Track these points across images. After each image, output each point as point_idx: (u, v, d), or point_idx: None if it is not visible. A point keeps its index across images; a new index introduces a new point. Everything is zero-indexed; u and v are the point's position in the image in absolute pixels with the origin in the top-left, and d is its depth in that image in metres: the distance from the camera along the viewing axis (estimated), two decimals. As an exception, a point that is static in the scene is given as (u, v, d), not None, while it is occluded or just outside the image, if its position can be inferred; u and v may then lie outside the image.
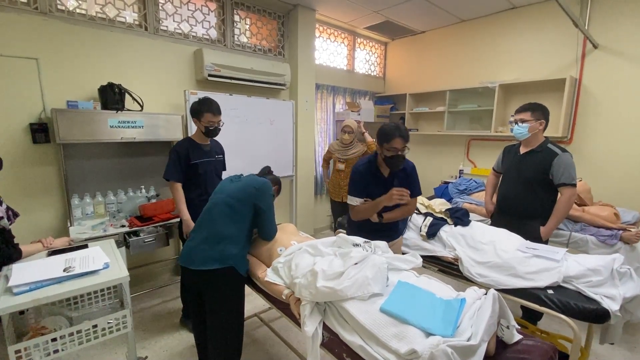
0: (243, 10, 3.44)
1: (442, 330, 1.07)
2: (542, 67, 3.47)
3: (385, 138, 1.71)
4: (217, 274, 1.55)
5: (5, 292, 1.28)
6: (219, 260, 1.55)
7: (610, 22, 3.04)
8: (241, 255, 1.64)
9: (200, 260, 1.56)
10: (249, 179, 1.76)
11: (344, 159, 3.29)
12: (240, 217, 1.65)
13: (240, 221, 1.65)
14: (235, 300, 1.64)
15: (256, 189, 1.68)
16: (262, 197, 1.68)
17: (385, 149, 1.72)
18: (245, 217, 1.66)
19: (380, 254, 1.50)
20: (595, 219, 2.36)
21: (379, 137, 1.75)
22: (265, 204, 1.69)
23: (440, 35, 4.34)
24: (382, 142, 1.73)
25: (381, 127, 1.76)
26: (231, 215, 1.63)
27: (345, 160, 3.29)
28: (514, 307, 2.40)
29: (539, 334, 2.08)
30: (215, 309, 1.60)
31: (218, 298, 1.59)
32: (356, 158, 3.28)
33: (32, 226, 2.41)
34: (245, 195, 1.66)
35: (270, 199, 1.74)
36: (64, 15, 2.47)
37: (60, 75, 2.45)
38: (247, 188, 1.69)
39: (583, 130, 3.29)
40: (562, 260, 1.72)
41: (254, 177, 1.79)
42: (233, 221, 1.63)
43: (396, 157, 1.72)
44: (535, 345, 1.16)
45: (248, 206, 1.66)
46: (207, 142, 2.33)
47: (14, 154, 2.31)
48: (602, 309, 1.48)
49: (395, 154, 1.71)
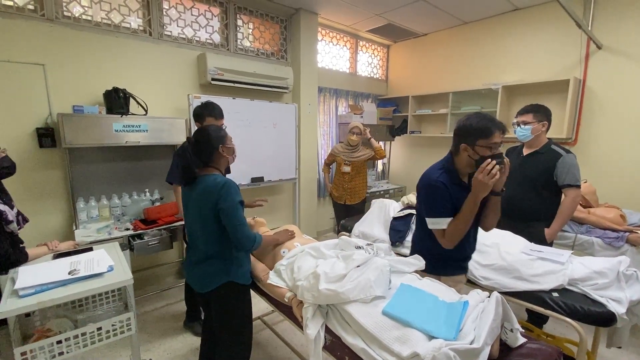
0: (246, 14, 3.47)
1: (444, 334, 1.06)
2: (545, 68, 3.45)
3: (481, 133, 1.36)
4: (218, 293, 1.50)
5: (11, 295, 1.29)
6: (214, 280, 1.48)
7: (614, 23, 3.02)
8: (236, 266, 1.52)
9: (199, 284, 1.53)
10: (205, 183, 1.43)
11: (350, 161, 3.28)
12: (213, 231, 1.44)
13: (216, 235, 1.45)
14: (240, 312, 1.58)
15: (215, 192, 1.39)
16: (224, 197, 1.38)
17: (481, 146, 1.37)
18: (219, 229, 1.44)
19: (383, 256, 1.50)
20: (601, 221, 2.33)
21: (470, 133, 1.39)
22: (227, 202, 1.38)
23: (443, 37, 4.34)
24: (477, 139, 1.37)
25: (467, 122, 1.40)
26: (207, 232, 1.45)
27: (351, 162, 3.29)
28: (519, 311, 2.39)
29: (545, 337, 2.06)
30: (223, 324, 1.57)
31: (224, 313, 1.55)
32: (363, 161, 3.30)
33: (38, 229, 2.44)
34: (206, 204, 1.41)
35: (235, 196, 1.40)
36: (70, 21, 2.51)
37: (66, 81, 2.49)
38: (205, 195, 1.42)
39: (588, 132, 3.26)
40: (567, 263, 1.70)
41: (210, 178, 1.44)
42: (211, 238, 1.46)
43: (498, 155, 1.36)
44: (540, 348, 1.15)
45: (213, 214, 1.41)
46: None
47: (21, 158, 2.34)
48: (609, 312, 1.46)
49: (496, 152, 1.38)
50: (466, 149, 1.41)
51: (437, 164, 1.55)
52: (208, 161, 1.48)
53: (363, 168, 3.36)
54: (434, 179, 1.47)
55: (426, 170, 1.57)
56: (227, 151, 1.52)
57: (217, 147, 1.47)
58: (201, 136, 1.47)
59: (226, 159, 1.53)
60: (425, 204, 1.51)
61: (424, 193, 1.52)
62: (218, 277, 1.48)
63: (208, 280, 1.49)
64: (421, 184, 1.54)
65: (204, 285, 1.51)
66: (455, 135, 1.46)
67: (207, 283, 1.49)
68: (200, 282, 1.52)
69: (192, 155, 1.45)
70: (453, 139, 1.48)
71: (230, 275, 1.49)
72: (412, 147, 4.91)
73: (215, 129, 1.52)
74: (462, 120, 1.44)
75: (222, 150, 1.49)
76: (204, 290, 1.51)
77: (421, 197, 1.55)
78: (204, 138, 1.46)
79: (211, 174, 1.47)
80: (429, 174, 1.52)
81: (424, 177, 1.53)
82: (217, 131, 1.51)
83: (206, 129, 1.50)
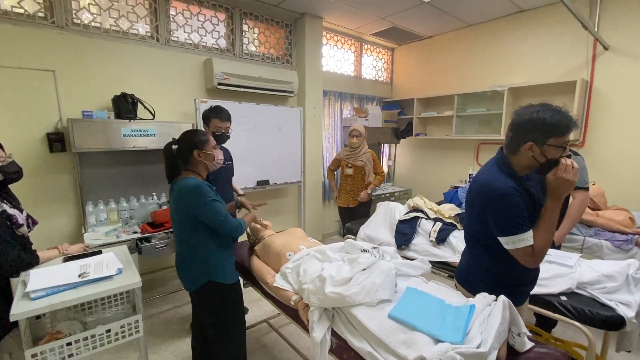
0: (251, 19, 3.51)
1: (451, 337, 1.06)
2: (551, 69, 3.43)
3: (556, 130, 1.13)
4: (200, 292, 1.54)
5: (23, 297, 1.32)
6: (196, 280, 1.52)
7: (621, 23, 3.00)
8: (215, 266, 1.52)
9: (186, 283, 1.59)
10: (179, 185, 1.48)
11: (352, 164, 3.30)
12: (186, 233, 1.49)
13: (189, 236, 1.49)
14: (225, 311, 1.58)
15: (185, 196, 1.44)
16: (195, 201, 1.42)
17: (551, 146, 1.14)
18: (196, 228, 1.47)
19: (389, 259, 1.50)
20: (609, 224, 2.31)
21: (540, 128, 1.14)
22: (199, 206, 1.42)
23: (448, 40, 4.33)
24: (549, 137, 1.14)
25: (538, 116, 1.14)
26: (182, 234, 1.52)
27: (353, 165, 3.29)
28: (526, 315, 2.36)
29: (553, 341, 2.04)
30: (208, 323, 1.59)
31: (208, 313, 1.57)
32: (365, 163, 3.29)
33: (48, 233, 2.48)
34: (178, 206, 1.48)
35: (204, 197, 1.42)
36: (80, 28, 2.56)
37: (76, 87, 2.54)
38: (178, 198, 1.47)
39: (595, 133, 3.23)
40: (575, 266, 1.69)
41: (183, 182, 1.47)
42: (185, 239, 1.51)
43: (568, 156, 1.17)
44: (548, 352, 1.14)
45: (185, 217, 1.46)
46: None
47: (32, 163, 2.39)
48: (618, 316, 1.44)
49: (567, 153, 1.17)
50: (532, 148, 1.16)
51: (491, 168, 1.28)
52: (186, 164, 1.53)
53: (368, 165, 3.32)
54: (503, 186, 1.18)
55: (480, 177, 1.29)
56: (205, 157, 1.54)
57: (192, 151, 1.51)
58: (181, 139, 1.53)
59: (204, 164, 1.55)
60: (499, 219, 1.20)
61: (494, 207, 1.20)
62: (199, 277, 1.52)
63: (192, 280, 1.55)
64: (487, 197, 1.22)
65: (190, 285, 1.57)
66: (518, 131, 1.19)
67: (192, 283, 1.55)
68: (186, 281, 1.59)
69: (172, 157, 1.53)
70: (512, 135, 1.21)
71: (210, 275, 1.51)
72: (418, 150, 4.90)
73: (196, 134, 1.54)
74: (526, 112, 1.17)
75: (199, 155, 1.52)
76: (190, 290, 1.58)
77: (491, 214, 1.22)
78: (182, 141, 1.52)
79: (187, 177, 1.50)
80: (493, 182, 1.21)
81: (486, 188, 1.23)
82: (196, 136, 1.53)
83: (187, 132, 1.55)
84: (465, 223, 1.43)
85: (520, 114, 1.20)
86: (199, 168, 1.56)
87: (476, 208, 1.28)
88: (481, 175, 1.30)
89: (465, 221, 1.43)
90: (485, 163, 1.35)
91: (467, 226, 1.42)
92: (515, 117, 1.21)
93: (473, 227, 1.35)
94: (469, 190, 1.35)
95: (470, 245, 1.42)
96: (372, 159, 3.31)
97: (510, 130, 1.23)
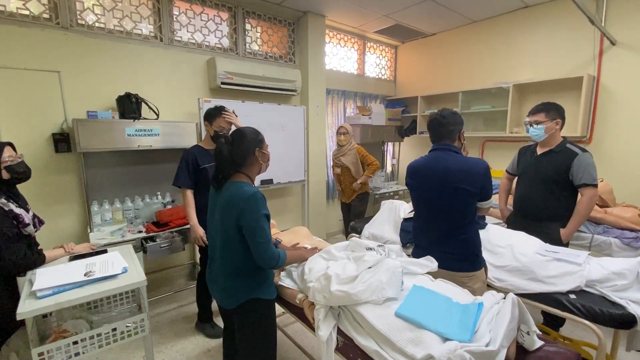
0: (254, 18, 3.50)
1: (459, 336, 1.04)
2: (557, 65, 3.39)
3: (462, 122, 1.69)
4: (242, 309, 1.39)
5: (29, 296, 1.32)
6: (238, 297, 1.37)
7: (628, 18, 2.95)
8: (261, 282, 1.41)
9: (222, 299, 1.44)
10: (232, 190, 1.32)
11: (339, 163, 3.39)
12: (236, 246, 1.33)
13: (239, 250, 1.33)
14: (264, 327, 1.45)
15: (240, 203, 1.28)
16: (248, 211, 1.27)
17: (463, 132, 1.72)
18: (242, 244, 1.33)
19: (394, 257, 1.49)
20: (618, 221, 2.27)
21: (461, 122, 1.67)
22: (251, 218, 1.27)
23: (451, 36, 4.30)
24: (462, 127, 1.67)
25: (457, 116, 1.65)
26: (229, 247, 1.35)
27: (340, 163, 3.38)
28: (534, 313, 2.34)
29: (562, 340, 2.01)
30: (245, 338, 1.44)
31: (247, 328, 1.43)
32: (352, 162, 3.32)
33: (54, 232, 2.49)
34: (229, 215, 1.31)
35: (260, 210, 1.29)
36: (84, 29, 2.57)
37: (81, 87, 2.55)
38: (230, 204, 1.31)
39: (603, 129, 3.18)
40: (584, 264, 1.66)
41: (238, 186, 1.33)
42: (233, 253, 1.35)
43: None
44: (558, 352, 1.12)
45: (236, 228, 1.30)
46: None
47: (38, 163, 2.40)
48: (628, 314, 1.42)
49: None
50: (462, 134, 1.68)
51: (453, 155, 1.60)
52: (241, 164, 1.37)
53: (352, 167, 3.38)
54: (482, 160, 1.59)
55: (458, 164, 1.56)
56: (262, 157, 1.42)
57: (254, 149, 1.38)
58: (240, 137, 1.37)
59: (259, 165, 1.43)
60: (490, 184, 1.53)
61: (489, 177, 1.53)
62: (242, 294, 1.37)
63: (232, 297, 1.39)
64: (483, 171, 1.51)
65: (228, 302, 1.41)
66: (454, 125, 1.63)
67: (231, 300, 1.39)
68: (224, 298, 1.43)
69: (227, 156, 1.34)
70: (452, 129, 1.63)
71: (255, 292, 1.38)
72: (422, 148, 4.87)
73: (254, 131, 1.42)
74: (449, 114, 1.63)
75: (258, 155, 1.39)
76: (227, 307, 1.42)
77: (488, 182, 1.53)
78: (242, 139, 1.36)
79: (241, 181, 1.36)
80: (475, 160, 1.57)
81: (478, 166, 1.52)
82: (255, 133, 1.41)
83: (244, 129, 1.41)
84: (459, 207, 1.57)
85: (446, 117, 1.62)
86: (253, 170, 1.42)
87: (478, 185, 1.51)
88: (454, 163, 1.56)
89: (459, 207, 1.58)
90: (435, 157, 1.63)
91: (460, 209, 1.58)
92: (448, 119, 1.61)
93: (471, 206, 1.57)
94: (454, 178, 1.54)
95: (471, 221, 1.61)
96: (360, 153, 3.37)
97: (447, 126, 1.62)
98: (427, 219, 1.70)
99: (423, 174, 1.65)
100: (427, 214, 1.69)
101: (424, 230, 1.72)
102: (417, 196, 1.74)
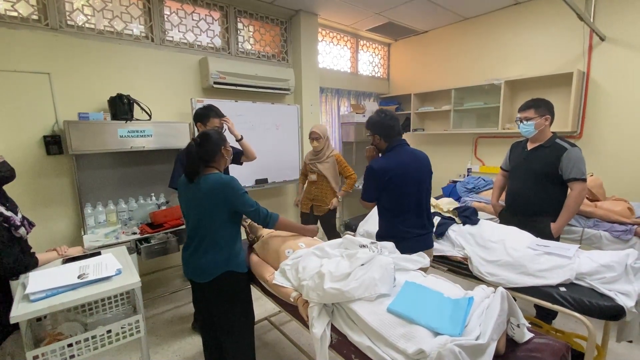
0: (246, 17, 3.49)
1: (450, 330, 1.06)
2: (548, 61, 3.42)
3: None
4: (217, 283, 1.58)
5: (22, 299, 1.32)
6: (214, 270, 1.57)
7: (617, 14, 2.99)
8: (234, 256, 1.62)
9: (199, 274, 1.60)
10: (210, 181, 1.56)
11: (315, 170, 3.06)
12: (220, 223, 1.57)
13: (222, 227, 1.58)
14: (241, 298, 1.69)
15: (222, 189, 1.53)
16: (233, 194, 1.55)
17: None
18: (228, 220, 1.58)
19: (387, 254, 1.50)
20: (608, 214, 2.31)
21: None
22: (237, 199, 1.56)
23: (444, 34, 4.32)
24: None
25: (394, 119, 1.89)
26: (213, 225, 1.57)
27: (316, 171, 3.04)
28: (527, 306, 2.37)
29: (554, 333, 2.04)
30: (225, 312, 1.63)
31: (225, 302, 1.62)
32: (331, 173, 3.02)
33: (47, 235, 2.48)
34: (214, 199, 1.54)
35: (239, 190, 1.57)
36: (74, 30, 2.55)
37: (72, 88, 2.53)
38: (213, 191, 1.54)
39: (593, 124, 3.23)
40: (574, 257, 1.68)
41: (214, 177, 1.57)
42: (216, 230, 1.57)
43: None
44: (547, 343, 1.15)
45: (220, 209, 1.55)
46: None
47: (29, 166, 2.39)
48: (617, 306, 1.44)
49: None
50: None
51: (412, 148, 1.91)
52: (210, 161, 1.61)
53: (331, 179, 3.07)
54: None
55: (422, 155, 1.91)
56: (227, 153, 1.68)
57: (220, 148, 1.62)
58: (207, 138, 1.61)
59: (225, 159, 1.69)
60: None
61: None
62: (218, 267, 1.57)
63: (208, 270, 1.58)
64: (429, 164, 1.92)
65: (205, 275, 1.59)
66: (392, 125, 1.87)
67: (207, 274, 1.58)
68: (200, 273, 1.60)
69: (196, 155, 1.57)
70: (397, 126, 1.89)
71: (229, 265, 1.59)
72: (416, 145, 4.88)
73: (218, 133, 1.67)
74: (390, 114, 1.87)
75: (223, 152, 1.65)
76: (203, 280, 1.59)
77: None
78: (209, 140, 1.61)
79: (213, 173, 1.60)
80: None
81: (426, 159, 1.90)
82: (219, 134, 1.67)
83: (209, 132, 1.65)
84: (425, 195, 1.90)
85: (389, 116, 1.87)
86: (221, 164, 1.67)
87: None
88: (420, 153, 1.90)
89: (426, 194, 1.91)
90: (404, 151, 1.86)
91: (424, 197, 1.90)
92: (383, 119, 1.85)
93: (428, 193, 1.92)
94: (423, 166, 1.88)
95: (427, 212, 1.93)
96: (339, 162, 3.07)
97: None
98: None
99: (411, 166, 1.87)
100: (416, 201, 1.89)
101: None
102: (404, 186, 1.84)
